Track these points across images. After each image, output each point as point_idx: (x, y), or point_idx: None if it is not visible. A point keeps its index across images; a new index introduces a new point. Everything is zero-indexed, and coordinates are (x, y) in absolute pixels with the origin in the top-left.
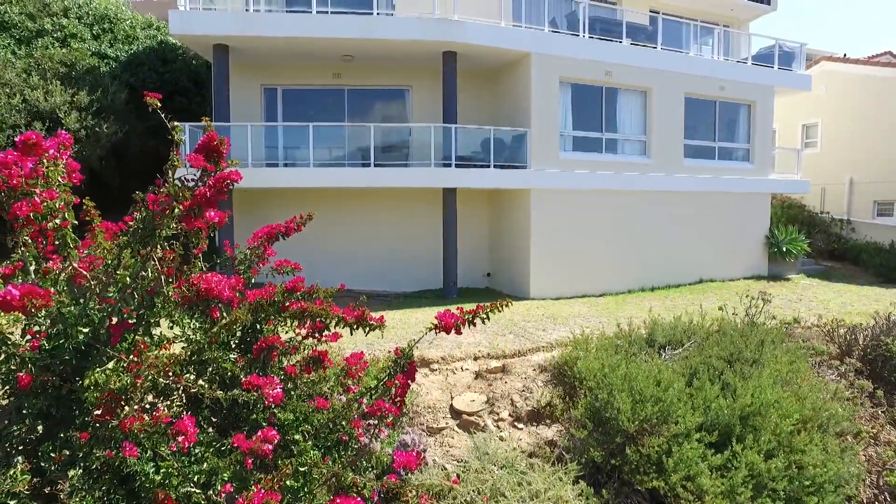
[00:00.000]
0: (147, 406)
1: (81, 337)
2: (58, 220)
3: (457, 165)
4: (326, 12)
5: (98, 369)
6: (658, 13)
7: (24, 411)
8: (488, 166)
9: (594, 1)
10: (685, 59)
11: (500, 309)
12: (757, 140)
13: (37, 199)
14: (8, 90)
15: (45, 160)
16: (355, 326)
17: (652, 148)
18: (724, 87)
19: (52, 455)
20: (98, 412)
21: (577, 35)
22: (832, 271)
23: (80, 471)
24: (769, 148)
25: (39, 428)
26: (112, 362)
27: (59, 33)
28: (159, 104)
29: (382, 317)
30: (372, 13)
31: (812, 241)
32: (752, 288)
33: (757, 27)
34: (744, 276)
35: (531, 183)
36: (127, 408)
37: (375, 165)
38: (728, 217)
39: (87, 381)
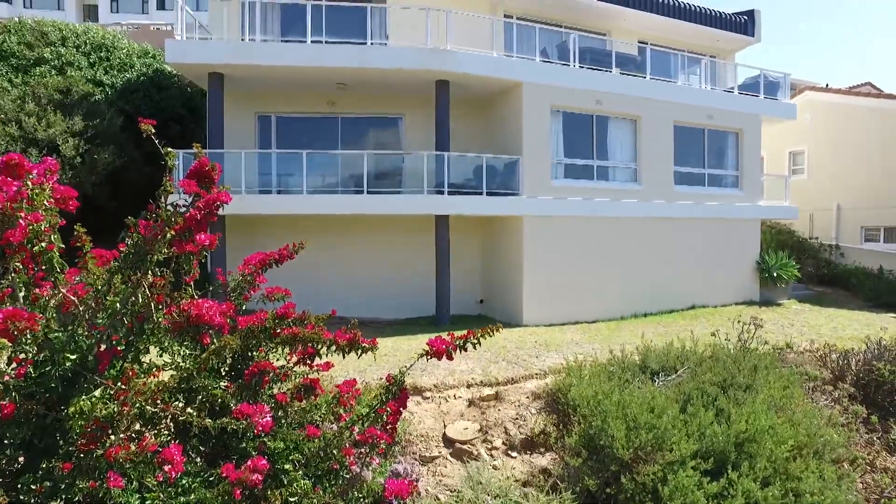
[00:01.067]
0: (133, 435)
1: (69, 364)
2: (43, 244)
3: (449, 192)
4: (321, 42)
5: (84, 397)
6: (646, 44)
7: (6, 441)
8: (481, 193)
9: (584, 32)
10: (673, 88)
11: (491, 334)
12: (745, 167)
13: (21, 222)
14: (3, 118)
15: (29, 183)
16: (347, 350)
17: (642, 175)
18: (711, 115)
19: (33, 487)
20: (83, 441)
21: (568, 65)
22: (823, 296)
23: (62, 503)
24: (758, 175)
25: (21, 459)
26: (99, 390)
27: (56, 62)
28: (153, 130)
29: (375, 339)
30: (366, 43)
31: (802, 266)
32: (744, 313)
33: (742, 58)
34: (736, 302)
35: (523, 210)
36: (113, 436)
37: (368, 192)
38: (719, 243)
39: (72, 409)
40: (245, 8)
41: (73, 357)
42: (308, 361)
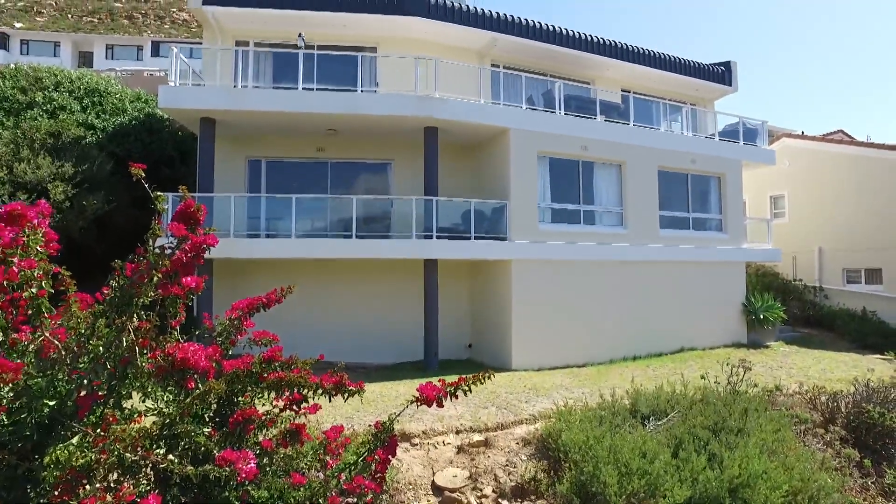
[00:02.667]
0: (111, 484)
1: (46, 410)
2: (34, 290)
3: (438, 237)
4: (312, 89)
5: (61, 445)
6: (629, 92)
7: None
8: (469, 238)
9: (569, 80)
10: (657, 134)
11: (483, 381)
12: (729, 211)
13: (14, 268)
14: None
15: (27, 230)
16: (333, 393)
17: (628, 219)
18: (694, 160)
19: None
20: (56, 493)
21: (554, 112)
22: (810, 338)
23: None
24: (741, 218)
25: None
26: (77, 437)
27: (48, 105)
28: (143, 174)
29: (361, 382)
30: (356, 90)
31: (788, 308)
32: (732, 356)
33: (721, 106)
34: (724, 345)
35: (511, 254)
36: (88, 486)
37: (357, 237)
38: (705, 286)
39: (47, 459)
40: (238, 56)
41: (51, 403)
42: (294, 407)
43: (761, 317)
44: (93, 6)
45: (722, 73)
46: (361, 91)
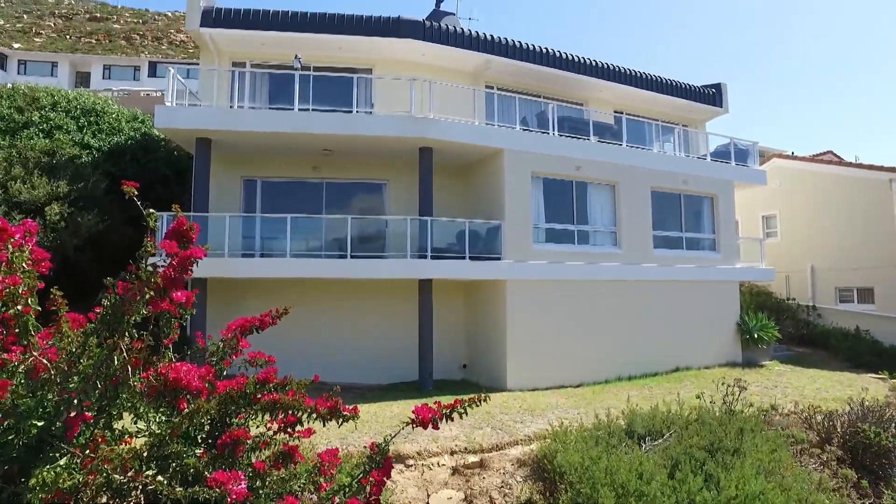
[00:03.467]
0: None
1: (34, 431)
2: (20, 307)
3: (432, 257)
4: (308, 110)
5: (48, 467)
6: (622, 113)
7: None
8: (464, 258)
9: (562, 102)
10: (650, 155)
11: (479, 403)
12: (721, 230)
13: None
14: None
15: (10, 246)
16: (328, 418)
17: (622, 239)
18: (686, 181)
19: None
20: None
21: (547, 133)
22: (804, 357)
23: None
24: (733, 238)
25: None
26: (65, 458)
27: (44, 125)
28: (136, 192)
29: (356, 407)
30: (352, 111)
31: (782, 327)
32: (727, 375)
33: (712, 127)
34: (719, 364)
35: (506, 274)
36: None
37: (352, 257)
38: (700, 305)
39: (33, 481)
40: (235, 76)
41: (39, 424)
42: (289, 430)
43: (756, 336)
44: (91, 27)
45: (713, 95)
46: (357, 112)
